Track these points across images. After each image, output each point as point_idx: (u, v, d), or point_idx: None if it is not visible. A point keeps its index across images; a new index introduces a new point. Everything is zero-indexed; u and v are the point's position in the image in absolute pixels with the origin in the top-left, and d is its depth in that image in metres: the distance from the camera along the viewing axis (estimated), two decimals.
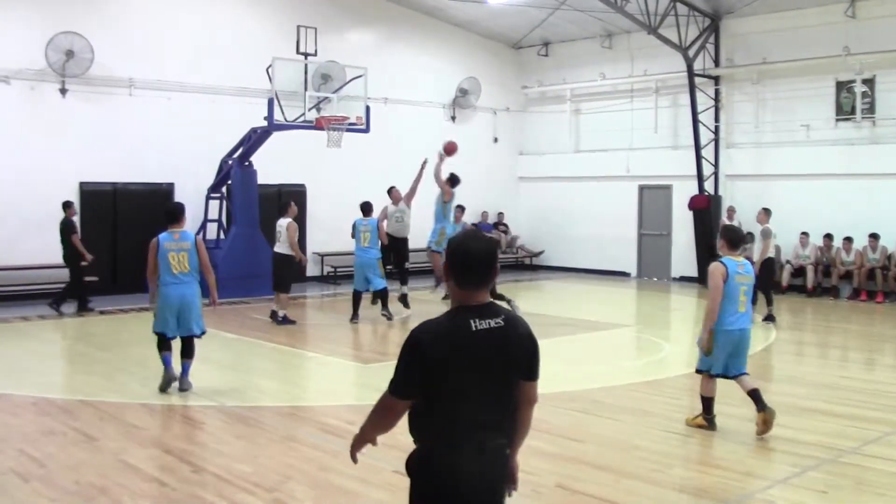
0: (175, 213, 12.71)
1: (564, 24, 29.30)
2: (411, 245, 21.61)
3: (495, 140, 32.32)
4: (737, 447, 9.87)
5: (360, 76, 23.00)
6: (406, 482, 7.92)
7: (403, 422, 4.71)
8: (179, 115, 23.94)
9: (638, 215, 29.63)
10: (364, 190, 26.01)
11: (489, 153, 32.01)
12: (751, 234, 19.64)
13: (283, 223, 19.20)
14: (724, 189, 27.10)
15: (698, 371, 10.62)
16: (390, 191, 21.08)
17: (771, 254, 19.83)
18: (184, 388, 12.34)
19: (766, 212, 20.35)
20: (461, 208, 22.50)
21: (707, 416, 10.51)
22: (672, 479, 8.68)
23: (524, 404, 4.81)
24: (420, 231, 22.34)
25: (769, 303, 19.31)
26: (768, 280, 19.55)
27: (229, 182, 23.54)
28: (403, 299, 20.22)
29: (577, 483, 8.52)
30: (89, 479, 8.54)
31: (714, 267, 10.32)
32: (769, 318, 19.16)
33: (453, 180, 21.27)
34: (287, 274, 19.42)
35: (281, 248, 19.21)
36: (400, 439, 10.41)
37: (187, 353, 12.52)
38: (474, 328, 4.49)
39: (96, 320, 19.66)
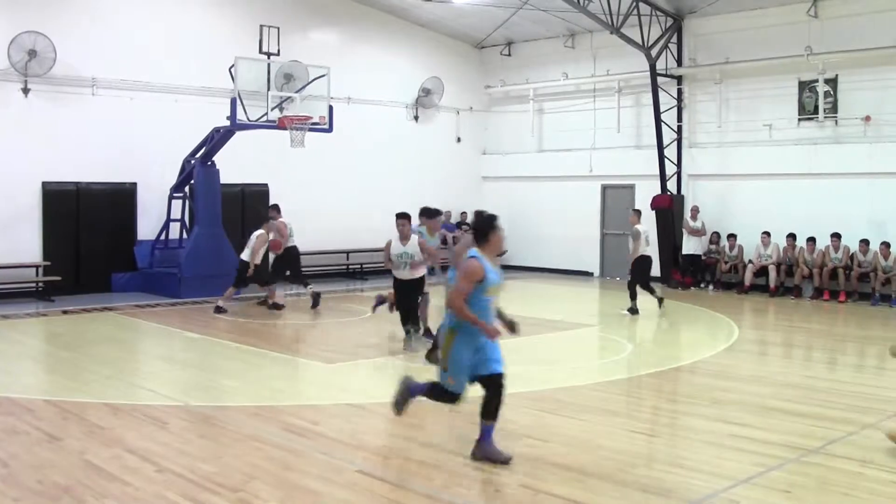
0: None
1: (527, 23, 29.37)
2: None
3: (458, 140, 32.35)
4: (701, 447, 9.90)
5: (322, 76, 22.92)
6: (369, 482, 7.93)
7: (369, 420, 4.70)
8: (142, 114, 23.88)
9: (601, 215, 29.73)
10: (327, 189, 26.17)
11: (452, 153, 32.07)
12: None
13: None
14: (687, 189, 27.23)
15: None
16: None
17: (644, 252, 20.65)
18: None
19: (637, 213, 20.98)
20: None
21: None
22: (637, 479, 8.69)
23: None
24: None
25: (651, 293, 20.77)
26: (645, 277, 20.83)
27: (192, 182, 23.44)
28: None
29: (542, 483, 8.52)
30: (53, 479, 8.48)
31: None
32: (633, 310, 20.52)
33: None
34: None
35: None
36: (364, 440, 10.43)
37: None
38: None
39: (60, 320, 19.53)
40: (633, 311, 20.36)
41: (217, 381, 13.55)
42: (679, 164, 27.31)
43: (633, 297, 20.47)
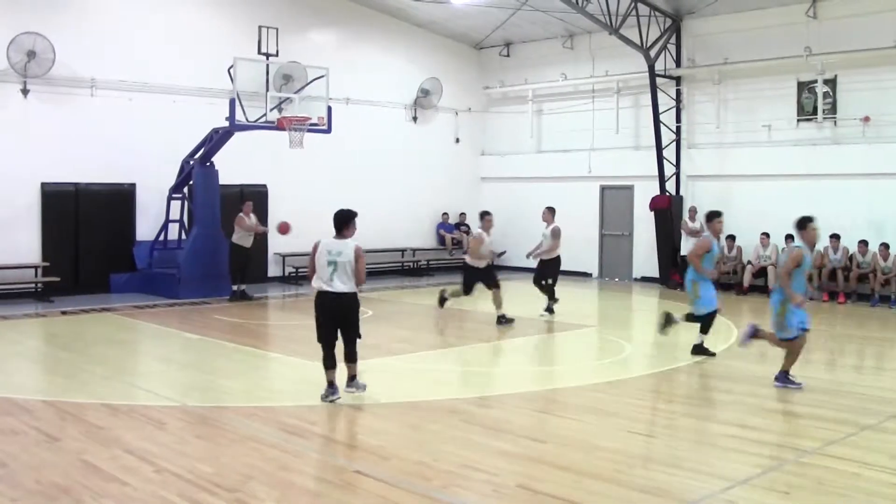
0: None
1: (526, 24, 29.37)
2: None
3: (457, 140, 32.33)
4: (699, 447, 9.91)
5: (321, 76, 22.92)
6: (366, 482, 7.93)
7: (366, 421, 4.70)
8: (141, 115, 23.87)
9: (599, 216, 29.69)
10: (326, 190, 26.12)
11: (451, 154, 32.05)
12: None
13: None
14: (686, 189, 27.22)
15: None
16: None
17: (559, 251, 21.24)
18: None
19: (551, 211, 21.04)
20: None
21: None
22: (634, 480, 8.69)
23: None
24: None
25: (552, 296, 21.05)
26: (556, 276, 21.53)
27: (191, 182, 23.44)
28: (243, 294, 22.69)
29: (539, 483, 8.52)
30: (51, 479, 8.48)
31: None
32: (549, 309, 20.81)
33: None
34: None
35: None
36: (361, 440, 10.43)
37: None
38: None
39: (58, 320, 19.52)
40: (551, 310, 20.88)
41: (215, 382, 13.55)
42: (678, 165, 27.30)
43: (552, 295, 21.02)
